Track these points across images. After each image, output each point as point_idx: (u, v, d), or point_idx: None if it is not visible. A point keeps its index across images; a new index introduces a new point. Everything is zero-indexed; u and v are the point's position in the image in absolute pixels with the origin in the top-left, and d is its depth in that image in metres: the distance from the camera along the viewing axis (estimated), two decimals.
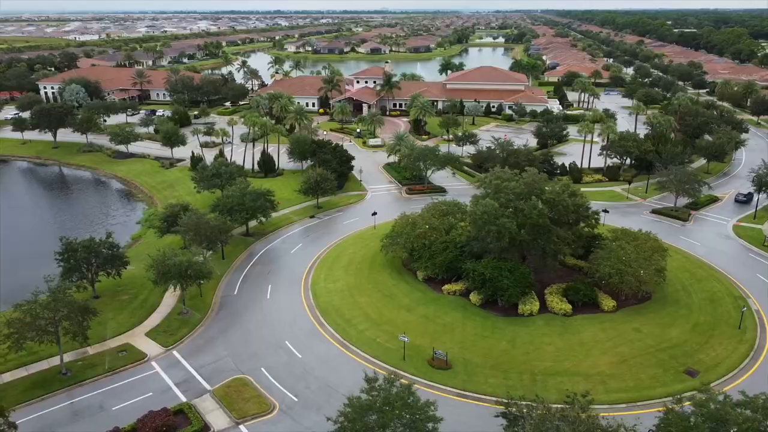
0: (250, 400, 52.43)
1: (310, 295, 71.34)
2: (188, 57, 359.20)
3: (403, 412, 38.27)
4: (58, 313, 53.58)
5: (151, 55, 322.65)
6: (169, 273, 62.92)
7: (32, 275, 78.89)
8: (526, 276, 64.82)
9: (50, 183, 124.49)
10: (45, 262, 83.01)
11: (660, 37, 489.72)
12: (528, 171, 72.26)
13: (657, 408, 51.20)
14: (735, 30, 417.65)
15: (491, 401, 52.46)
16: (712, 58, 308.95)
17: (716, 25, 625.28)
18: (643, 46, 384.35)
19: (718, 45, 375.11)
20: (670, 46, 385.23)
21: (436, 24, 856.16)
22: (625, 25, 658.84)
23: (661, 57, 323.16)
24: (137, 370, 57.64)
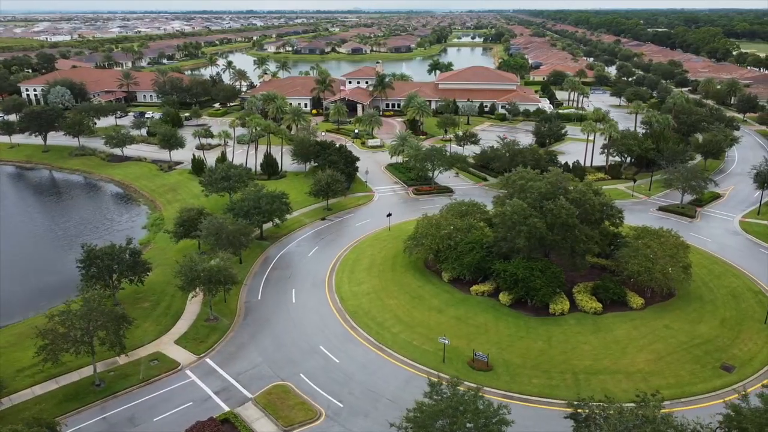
0: (294, 407, 51.54)
1: (336, 298, 70.58)
2: (167, 58, 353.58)
3: (475, 416, 37.87)
4: (93, 322, 51.97)
5: (130, 55, 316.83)
6: (198, 279, 61.58)
7: (45, 283, 77.62)
8: (558, 275, 65.05)
9: (45, 188, 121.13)
10: (56, 270, 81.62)
11: (635, 36, 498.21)
12: (551, 170, 72.52)
13: (700, 404, 52.27)
14: (710, 29, 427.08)
15: (537, 402, 52.58)
16: (690, 57, 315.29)
17: (686, 24, 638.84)
18: (621, 46, 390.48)
19: (693, 44, 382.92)
20: (647, 45, 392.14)
21: (412, 24, 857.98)
22: (599, 24, 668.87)
23: (640, 56, 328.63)
24: (172, 379, 56.26)
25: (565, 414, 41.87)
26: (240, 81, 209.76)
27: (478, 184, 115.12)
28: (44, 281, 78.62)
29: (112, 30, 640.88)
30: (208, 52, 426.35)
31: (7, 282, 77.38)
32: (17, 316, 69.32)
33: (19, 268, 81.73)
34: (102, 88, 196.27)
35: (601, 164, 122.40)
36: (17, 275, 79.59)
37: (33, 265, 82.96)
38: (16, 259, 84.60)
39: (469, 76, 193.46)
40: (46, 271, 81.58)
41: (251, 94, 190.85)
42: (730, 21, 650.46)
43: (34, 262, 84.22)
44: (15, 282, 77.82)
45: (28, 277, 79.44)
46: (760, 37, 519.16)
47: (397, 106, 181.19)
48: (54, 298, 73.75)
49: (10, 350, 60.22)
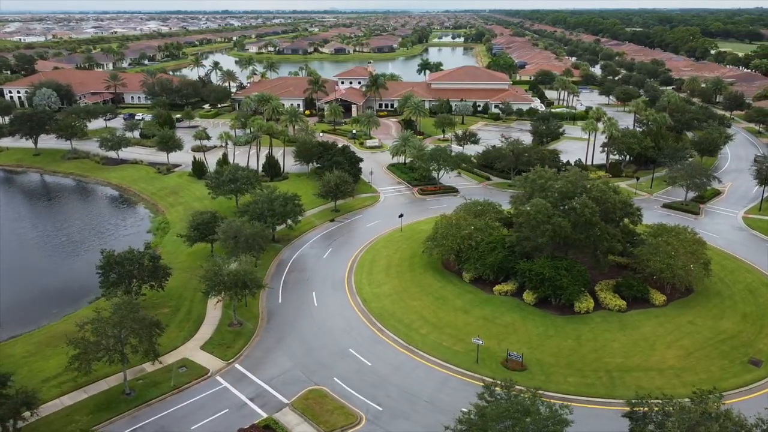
0: (334, 412, 50.95)
1: (359, 300, 70.05)
2: (148, 59, 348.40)
3: (538, 418, 37.76)
4: (125, 330, 50.76)
5: (111, 56, 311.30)
6: (224, 284, 60.60)
7: (55, 290, 75.76)
8: (583, 274, 65.45)
9: (41, 193, 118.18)
10: (64, 277, 79.70)
11: (613, 36, 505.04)
12: (570, 169, 72.90)
13: (735, 399, 52.87)
14: (688, 29, 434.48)
15: (575, 401, 52.58)
16: (671, 56, 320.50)
17: (660, 24, 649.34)
18: (602, 45, 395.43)
19: (672, 43, 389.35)
20: (627, 45, 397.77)
21: (391, 24, 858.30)
22: (576, 24, 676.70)
23: (622, 55, 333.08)
24: (203, 386, 55.24)
25: (623, 413, 41.96)
26: (228, 82, 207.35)
27: (481, 184, 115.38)
28: (54, 288, 76.78)
29: (86, 30, 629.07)
30: (189, 52, 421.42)
31: (16, 290, 75.31)
32: (30, 325, 67.43)
33: (27, 276, 79.64)
34: (88, 90, 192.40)
35: (601, 162, 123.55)
36: (26, 283, 77.50)
37: (40, 273, 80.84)
38: (23, 266, 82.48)
39: (460, 76, 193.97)
40: (54, 278, 79.63)
41: (241, 95, 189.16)
42: (703, 21, 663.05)
43: (41, 269, 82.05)
44: (24, 290, 75.78)
45: (37, 284, 77.35)
46: (734, 37, 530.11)
47: (390, 106, 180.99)
48: (66, 305, 72.48)
49: (31, 360, 58.61)
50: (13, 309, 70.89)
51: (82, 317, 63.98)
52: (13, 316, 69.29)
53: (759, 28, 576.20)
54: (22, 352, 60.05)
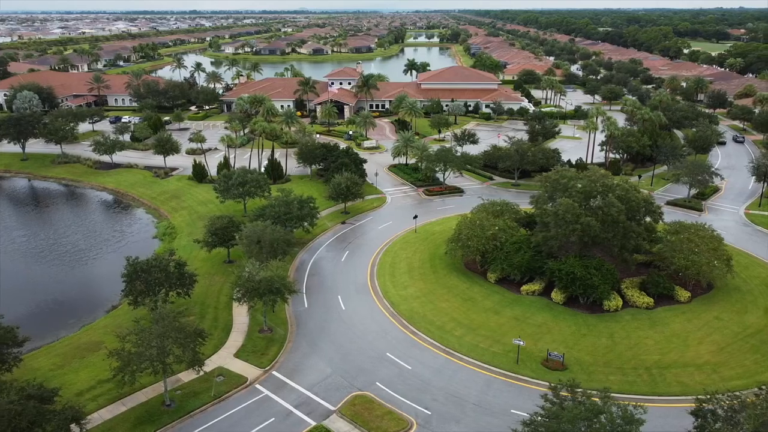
0: (383, 418, 50.37)
1: (386, 303, 69.52)
2: (123, 59, 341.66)
3: (613, 420, 37.83)
4: (167, 339, 49.38)
5: (86, 58, 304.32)
6: (257, 290, 59.49)
7: (68, 300, 73.48)
8: (612, 272, 66.11)
9: (34, 199, 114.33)
10: (76, 286, 77.36)
11: (586, 35, 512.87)
12: (591, 168, 73.52)
13: None
14: (661, 28, 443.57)
15: (620, 399, 52.90)
16: (647, 56, 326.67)
17: (629, 24, 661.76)
18: (578, 45, 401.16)
19: (645, 43, 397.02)
20: (602, 44, 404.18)
21: (364, 24, 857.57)
22: (548, 24, 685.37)
23: (599, 54, 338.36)
24: (244, 395, 54.09)
25: (690, 410, 42.29)
26: (214, 83, 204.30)
27: (485, 184, 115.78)
28: (66, 298, 74.50)
29: (53, 31, 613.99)
30: (163, 53, 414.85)
31: (29, 301, 72.76)
32: (48, 337, 65.22)
33: (37, 286, 77.02)
34: (70, 93, 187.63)
35: (599, 161, 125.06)
36: (37, 293, 74.89)
37: (50, 282, 78.31)
38: (32, 276, 79.81)
39: (450, 76, 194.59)
40: (65, 287, 77.23)
41: (229, 96, 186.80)
42: (670, 20, 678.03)
43: (51, 278, 79.46)
44: (37, 301, 73.25)
45: (49, 294, 74.88)
46: (702, 36, 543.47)
47: (381, 107, 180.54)
48: (82, 315, 70.43)
49: (60, 373, 56.59)
50: (29, 321, 68.19)
51: (121, 328, 62.47)
52: (29, 327, 66.12)
53: (725, 27, 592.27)
54: (49, 365, 58.00)
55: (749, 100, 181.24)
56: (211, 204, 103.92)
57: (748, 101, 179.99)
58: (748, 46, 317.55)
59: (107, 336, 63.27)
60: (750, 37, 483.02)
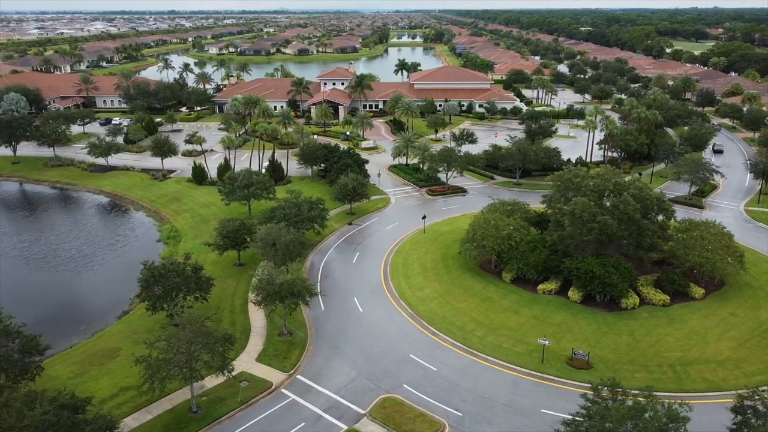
0: (415, 420, 50.08)
1: (404, 305, 69.22)
2: (106, 60, 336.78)
3: (659, 419, 37.93)
4: (195, 345, 48.54)
5: (69, 59, 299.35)
6: (279, 293, 58.81)
7: (77, 306, 71.97)
8: (630, 270, 66.57)
9: (30, 203, 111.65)
10: (84, 292, 75.83)
11: (569, 35, 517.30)
12: (603, 167, 73.94)
13: None
14: (644, 28, 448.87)
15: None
16: (632, 55, 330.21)
17: (608, 24, 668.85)
18: (562, 44, 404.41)
19: (628, 42, 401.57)
20: (586, 44, 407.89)
21: (346, 24, 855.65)
22: (530, 24, 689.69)
23: (584, 54, 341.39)
24: (270, 400, 53.44)
25: (730, 406, 42.60)
26: (204, 84, 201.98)
27: (486, 183, 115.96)
28: (75, 304, 73.05)
29: (30, 32, 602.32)
30: (146, 54, 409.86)
31: (37, 308, 70.92)
32: (61, 344, 63.76)
33: (44, 293, 75.25)
34: (57, 94, 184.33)
35: (598, 159, 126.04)
36: (44, 300, 73.22)
37: (57, 289, 76.66)
38: (38, 283, 77.97)
39: (443, 75, 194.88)
40: (73, 293, 75.71)
41: (221, 97, 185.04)
42: (650, 20, 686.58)
43: (57, 284, 77.72)
44: (45, 307, 71.55)
45: (57, 301, 73.30)
46: (681, 35, 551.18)
47: (375, 107, 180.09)
48: (92, 321, 69.02)
49: (79, 381, 55.34)
50: (38, 328, 65.91)
51: (137, 334, 61.76)
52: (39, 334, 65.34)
53: (703, 27, 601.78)
54: (67, 373, 56.74)
55: (737, 98, 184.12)
56: (214, 206, 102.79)
57: (735, 100, 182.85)
58: (730, 45, 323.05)
59: (123, 342, 62.31)
60: (728, 36, 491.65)
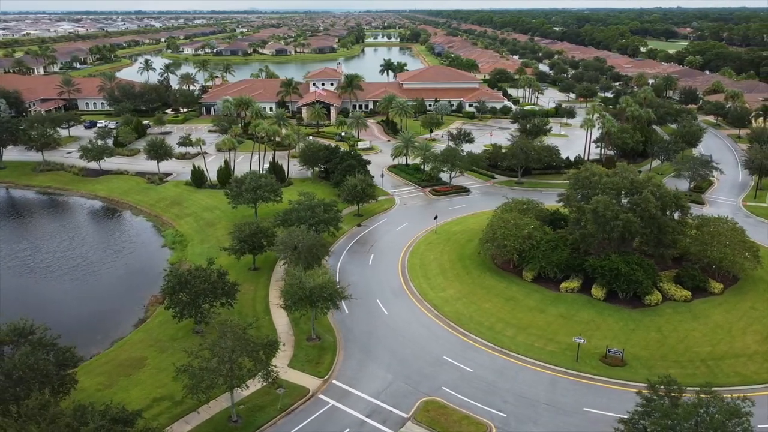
0: (461, 422, 49.73)
1: (428, 306, 68.82)
2: (80, 62, 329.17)
3: (723, 410, 38.24)
4: (239, 353, 47.41)
5: (41, 60, 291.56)
6: (309, 297, 57.90)
7: (93, 315, 69.76)
8: (653, 267, 67.26)
9: (23, 209, 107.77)
10: (98, 301, 73.59)
11: (543, 34, 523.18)
12: (619, 165, 74.63)
13: None
14: (618, 27, 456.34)
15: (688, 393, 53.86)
16: (609, 54, 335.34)
17: (579, 23, 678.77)
18: (539, 44, 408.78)
19: (602, 41, 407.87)
20: (562, 43, 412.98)
21: (320, 24, 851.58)
22: (503, 24, 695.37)
23: (562, 53, 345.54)
24: (310, 407, 52.54)
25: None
26: (188, 85, 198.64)
27: (488, 182, 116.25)
28: (88, 313, 70.72)
29: None
30: (119, 55, 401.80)
31: (48, 318, 68.29)
32: (78, 354, 61.60)
33: (53, 302, 72.86)
34: (37, 97, 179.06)
35: (594, 157, 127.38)
36: (55, 310, 70.73)
37: (66, 297, 74.39)
38: (45, 292, 75.50)
39: (432, 75, 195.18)
40: (84, 302, 73.37)
41: (208, 98, 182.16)
42: (619, 20, 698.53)
43: (67, 293, 75.39)
44: (57, 317, 68.85)
45: (68, 310, 70.93)
46: (651, 35, 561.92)
47: (365, 107, 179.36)
48: (108, 330, 67.06)
49: (109, 393, 53.56)
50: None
51: (160, 342, 60.22)
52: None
53: (671, 26, 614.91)
54: (94, 385, 54.96)
55: (718, 96, 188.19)
56: (217, 210, 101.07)
57: (717, 97, 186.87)
58: (704, 44, 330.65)
59: (147, 351, 60.75)
60: (697, 35, 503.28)
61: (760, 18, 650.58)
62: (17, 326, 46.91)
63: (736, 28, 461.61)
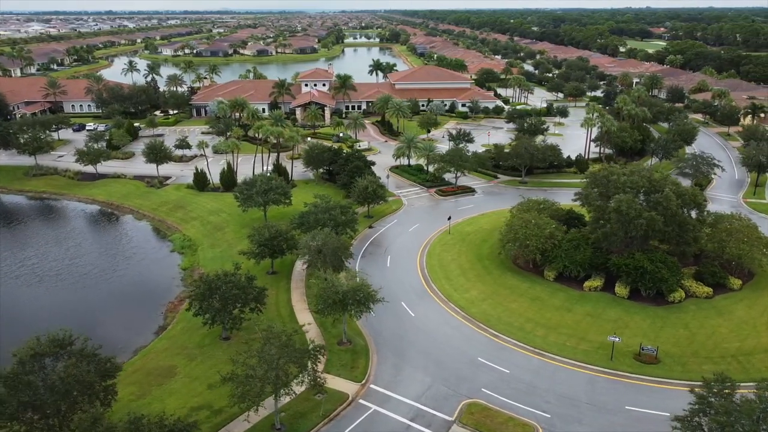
0: (507, 424, 49.58)
1: (454, 307, 68.57)
2: (57, 63, 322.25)
3: None
4: (285, 360, 46.57)
5: (18, 62, 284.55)
6: (343, 301, 57.23)
7: (107, 323, 67.96)
8: (676, 265, 67.98)
9: (21, 215, 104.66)
10: (110, 307, 71.70)
11: (522, 34, 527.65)
12: (634, 164, 75.25)
13: None
14: (598, 27, 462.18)
15: None
16: (591, 54, 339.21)
17: (554, 24, 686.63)
18: (520, 44, 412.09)
19: (582, 41, 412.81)
20: (543, 43, 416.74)
21: (297, 25, 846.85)
22: (481, 24, 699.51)
23: (543, 53, 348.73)
24: (352, 412, 51.88)
25: None
26: (176, 87, 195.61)
27: (491, 182, 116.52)
28: (105, 320, 68.97)
29: None
30: (97, 56, 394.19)
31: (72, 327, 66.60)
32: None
33: (67, 310, 70.88)
34: (21, 99, 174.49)
35: (593, 156, 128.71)
36: (70, 318, 68.73)
37: (81, 305, 72.41)
38: (58, 299, 73.44)
39: (423, 75, 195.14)
40: (99, 309, 71.47)
41: (198, 100, 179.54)
42: (593, 19, 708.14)
43: (81, 301, 73.37)
44: (72, 325, 67.10)
45: (84, 318, 68.83)
46: (626, 34, 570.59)
47: (357, 108, 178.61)
48: (129, 337, 65.43)
49: (144, 403, 52.33)
50: None
51: (188, 350, 59.37)
52: None
53: (645, 26, 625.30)
54: (127, 395, 53.43)
55: (704, 95, 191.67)
56: (223, 213, 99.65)
57: (702, 96, 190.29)
58: (684, 43, 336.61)
59: (176, 359, 59.56)
60: (671, 35, 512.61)
61: (729, 18, 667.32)
62: (56, 337, 45.25)
63: (709, 28, 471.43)
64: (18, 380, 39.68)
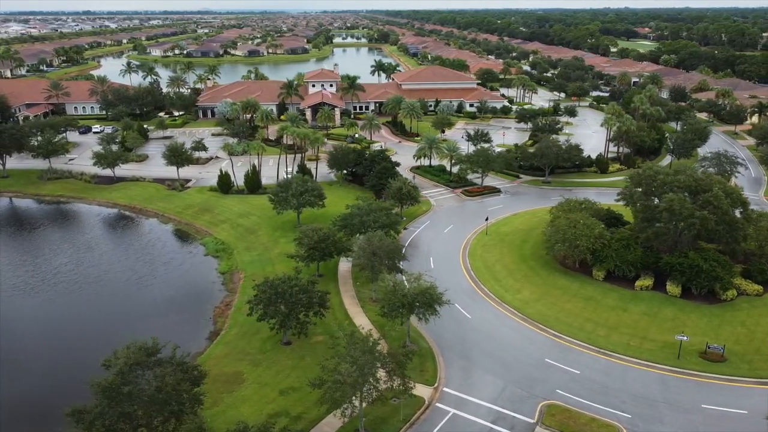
0: (591, 425, 49.52)
1: (509, 308, 68.44)
2: (47, 64, 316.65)
3: None
4: (376, 365, 46.03)
5: (9, 63, 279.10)
6: (411, 304, 56.79)
7: (161, 330, 66.51)
8: (729, 263, 68.59)
9: (42, 221, 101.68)
10: (160, 314, 70.34)
11: (511, 34, 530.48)
12: (678, 165, 75.75)
13: None
14: (588, 27, 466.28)
15: None
16: (585, 54, 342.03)
17: (539, 24, 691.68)
18: (512, 44, 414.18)
19: (572, 41, 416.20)
20: (532, 43, 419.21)
21: (281, 24, 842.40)
22: (467, 24, 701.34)
23: (537, 53, 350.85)
24: (431, 416, 51.51)
25: None
26: (179, 88, 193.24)
27: (514, 182, 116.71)
28: (155, 326, 67.22)
29: None
30: (85, 57, 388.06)
31: (118, 335, 65.16)
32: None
33: (116, 317, 69.54)
34: (22, 101, 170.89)
35: (611, 155, 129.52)
36: (120, 324, 67.54)
37: (130, 311, 71.05)
38: (107, 308, 71.91)
39: (429, 76, 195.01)
40: (148, 316, 69.98)
41: (203, 102, 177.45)
42: (576, 19, 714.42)
43: (129, 309, 71.90)
44: (127, 334, 65.71)
45: (135, 326, 67.41)
46: (613, 34, 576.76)
47: (366, 108, 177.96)
48: (184, 343, 63.36)
49: (218, 411, 51.43)
50: None
51: (250, 355, 58.84)
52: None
53: (630, 26, 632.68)
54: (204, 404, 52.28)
55: (705, 94, 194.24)
56: (253, 216, 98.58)
57: (704, 95, 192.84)
58: (677, 43, 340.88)
59: (240, 365, 58.71)
60: (657, 35, 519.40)
61: (710, 18, 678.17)
62: (144, 345, 44.14)
63: (695, 28, 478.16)
64: (119, 391, 38.58)
